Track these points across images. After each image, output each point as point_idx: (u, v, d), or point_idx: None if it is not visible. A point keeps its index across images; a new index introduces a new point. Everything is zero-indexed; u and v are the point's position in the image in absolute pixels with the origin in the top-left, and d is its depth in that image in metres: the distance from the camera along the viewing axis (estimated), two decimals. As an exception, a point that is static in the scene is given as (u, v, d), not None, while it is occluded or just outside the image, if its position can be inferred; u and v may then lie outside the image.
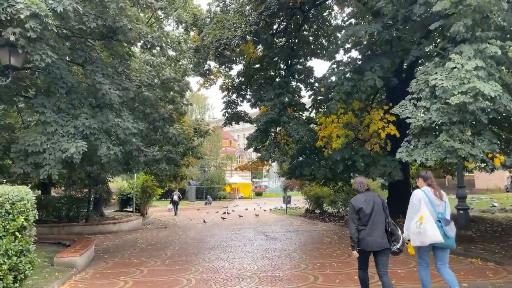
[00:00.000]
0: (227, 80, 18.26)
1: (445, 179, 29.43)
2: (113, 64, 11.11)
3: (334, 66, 12.68)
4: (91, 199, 16.29)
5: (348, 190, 17.23)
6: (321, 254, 9.59)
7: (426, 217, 5.02)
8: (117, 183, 33.49)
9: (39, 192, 20.06)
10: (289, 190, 27.92)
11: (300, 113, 14.23)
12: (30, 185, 7.22)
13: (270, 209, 28.38)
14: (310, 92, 14.40)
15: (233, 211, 28.25)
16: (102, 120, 9.48)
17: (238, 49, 14.31)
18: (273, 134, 14.05)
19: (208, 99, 53.99)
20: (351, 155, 13.18)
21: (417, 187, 5.55)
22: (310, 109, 14.37)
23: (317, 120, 14.17)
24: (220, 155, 54.94)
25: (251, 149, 15.91)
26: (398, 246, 5.14)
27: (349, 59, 12.13)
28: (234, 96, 17.89)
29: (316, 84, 14.63)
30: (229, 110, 17.29)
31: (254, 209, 28.80)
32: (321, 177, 13.99)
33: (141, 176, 24.90)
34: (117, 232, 16.08)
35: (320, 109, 14.20)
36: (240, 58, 17.41)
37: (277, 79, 15.22)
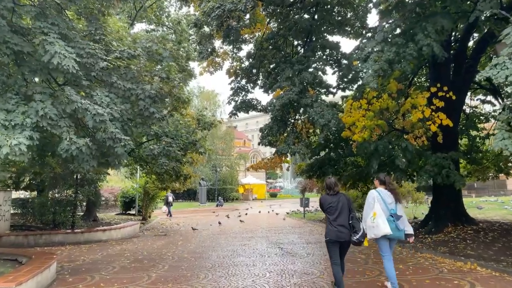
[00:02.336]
0: (235, 64, 15.69)
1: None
2: (88, 32, 8.66)
3: (369, 34, 9.92)
4: (77, 202, 13.87)
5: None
6: (360, 284, 6.90)
7: (378, 213, 5.78)
8: (120, 184, 31.39)
9: (33, 193, 17.85)
10: (307, 192, 25.11)
11: (324, 97, 11.51)
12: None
13: (287, 213, 25.70)
14: (334, 77, 11.70)
15: (245, 214, 25.64)
16: (64, 102, 7.00)
17: (246, 18, 11.67)
18: (291, 122, 11.38)
19: (219, 96, 51.54)
20: (388, 149, 10.43)
21: None
22: (335, 91, 11.67)
23: (343, 105, 11.43)
24: (234, 155, 52.51)
25: (265, 148, 13.34)
26: (357, 236, 5.81)
27: (388, 24, 9.34)
28: (243, 81, 15.31)
29: (344, 62, 11.87)
30: (237, 98, 14.71)
31: (268, 212, 26.15)
32: (348, 178, 11.28)
33: (143, 176, 22.62)
34: (107, 242, 13.67)
35: (348, 90, 11.48)
36: (250, 36, 14.81)
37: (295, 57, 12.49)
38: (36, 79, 8.30)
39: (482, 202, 21.68)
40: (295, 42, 13.67)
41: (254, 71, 15.19)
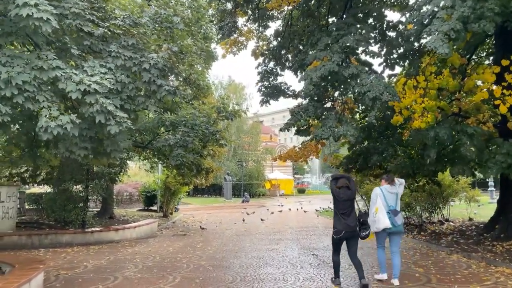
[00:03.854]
0: (261, 43, 13.93)
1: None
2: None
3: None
4: (87, 198, 12.54)
5: (432, 189, 12.34)
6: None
7: (380, 208, 6.38)
8: (145, 179, 30.39)
9: (49, 187, 16.74)
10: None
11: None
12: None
13: (316, 210, 23.82)
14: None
15: (280, 211, 23.94)
16: (40, 66, 5.50)
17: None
18: (331, 101, 9.52)
19: (246, 89, 49.86)
20: (451, 135, 8.46)
21: None
22: (382, 69, 9.74)
23: (392, 84, 9.46)
24: (260, 150, 50.85)
25: (292, 142, 11.56)
26: (366, 232, 6.39)
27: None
28: (271, 64, 13.55)
29: (391, 34, 9.88)
30: (266, 83, 12.97)
31: (297, 209, 24.33)
32: (398, 170, 9.32)
33: (164, 170, 21.31)
34: (119, 242, 12.32)
35: (398, 67, 9.53)
36: (278, 12, 13.01)
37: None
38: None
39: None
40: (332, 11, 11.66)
41: (283, 52, 13.39)
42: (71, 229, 12.23)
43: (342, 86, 7.97)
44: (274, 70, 13.38)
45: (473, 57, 11.34)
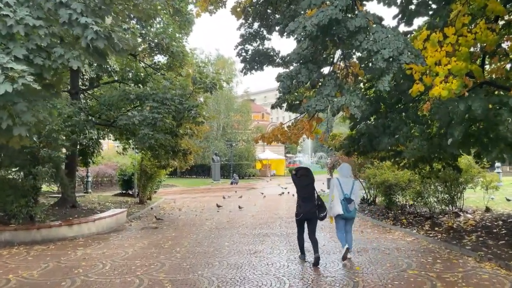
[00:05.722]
0: None
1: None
2: None
3: None
4: (31, 187, 10.29)
5: (446, 176, 10.36)
6: None
7: (335, 197, 7.19)
8: (125, 159, 28.19)
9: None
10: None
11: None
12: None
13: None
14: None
15: (264, 196, 21.96)
16: None
17: None
18: (330, 64, 7.32)
19: (236, 64, 47.12)
20: (486, 109, 6.42)
21: None
22: (397, 23, 7.51)
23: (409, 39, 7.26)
24: (251, 130, 48.61)
25: (285, 119, 9.42)
26: (323, 214, 7.36)
27: None
28: (256, 25, 11.24)
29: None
30: (248, 46, 10.71)
31: (289, 193, 22.35)
32: (414, 154, 7.24)
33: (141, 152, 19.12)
34: (73, 240, 10.27)
35: (418, 18, 7.34)
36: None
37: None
38: None
39: None
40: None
41: (270, 10, 11.06)
42: (13, 224, 10.09)
43: (346, 42, 5.78)
44: (260, 32, 11.08)
45: None
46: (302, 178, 7.40)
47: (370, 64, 6.34)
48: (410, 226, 10.33)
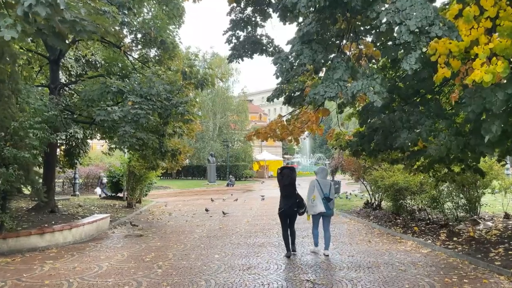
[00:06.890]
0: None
1: None
2: None
3: None
4: (7, 190, 9.06)
5: (463, 179, 9.23)
6: None
7: (317, 196, 7.81)
8: (117, 160, 26.99)
9: None
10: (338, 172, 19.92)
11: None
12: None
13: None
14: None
15: (262, 199, 20.78)
16: None
17: None
18: (338, 45, 6.14)
19: (232, 63, 45.90)
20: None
21: None
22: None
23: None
24: (248, 130, 47.46)
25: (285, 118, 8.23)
26: (302, 210, 8.08)
27: None
28: (249, 10, 10.11)
29: None
30: (239, 32, 9.59)
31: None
32: (440, 153, 6.09)
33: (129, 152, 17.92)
34: (44, 251, 9.10)
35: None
36: None
37: None
38: None
39: None
40: None
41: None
42: (-25, 234, 8.90)
43: (360, 15, 4.66)
44: (253, 18, 9.94)
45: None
46: (285, 177, 8.11)
47: (389, 43, 5.20)
48: (423, 235, 9.21)
